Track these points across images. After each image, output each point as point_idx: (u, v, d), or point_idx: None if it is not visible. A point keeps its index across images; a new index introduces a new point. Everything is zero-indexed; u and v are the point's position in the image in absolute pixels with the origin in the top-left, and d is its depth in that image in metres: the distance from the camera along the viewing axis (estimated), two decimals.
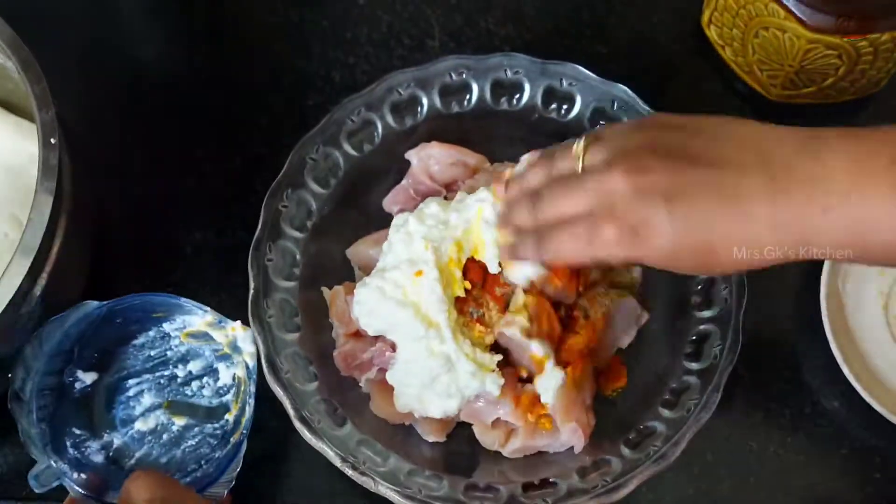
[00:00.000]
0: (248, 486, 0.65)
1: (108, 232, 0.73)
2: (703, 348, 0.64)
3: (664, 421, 0.62)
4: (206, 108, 0.80)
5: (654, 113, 0.67)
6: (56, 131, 0.59)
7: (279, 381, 0.62)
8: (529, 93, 0.71)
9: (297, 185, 0.69)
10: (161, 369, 0.67)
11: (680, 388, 0.63)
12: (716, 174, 0.48)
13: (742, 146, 0.49)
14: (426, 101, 0.72)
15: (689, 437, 0.60)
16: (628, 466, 0.60)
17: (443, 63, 0.71)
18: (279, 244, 0.67)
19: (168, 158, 0.78)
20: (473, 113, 0.72)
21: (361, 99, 0.70)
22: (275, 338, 0.64)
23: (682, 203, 0.48)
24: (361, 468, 0.60)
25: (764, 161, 0.48)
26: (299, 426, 0.61)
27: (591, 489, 0.59)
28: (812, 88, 0.75)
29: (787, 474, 0.68)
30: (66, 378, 0.65)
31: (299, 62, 0.81)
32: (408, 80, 0.71)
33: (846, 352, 0.67)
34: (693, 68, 0.81)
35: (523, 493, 0.61)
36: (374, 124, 0.71)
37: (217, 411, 0.66)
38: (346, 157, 0.70)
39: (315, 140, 0.69)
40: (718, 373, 0.62)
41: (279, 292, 0.66)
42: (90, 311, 0.63)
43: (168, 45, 0.86)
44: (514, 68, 0.71)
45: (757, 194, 0.47)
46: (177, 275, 0.71)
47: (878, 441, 0.68)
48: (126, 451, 0.65)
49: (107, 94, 0.80)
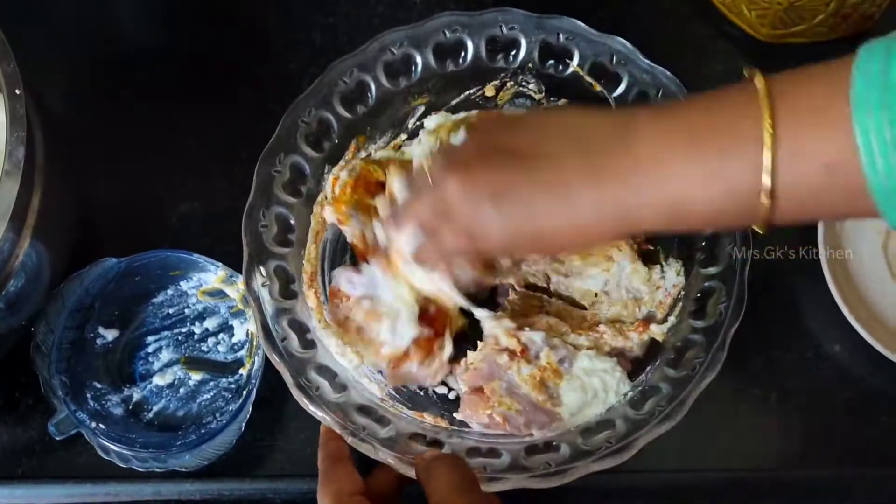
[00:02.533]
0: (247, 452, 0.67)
1: (93, 205, 0.74)
2: (708, 306, 0.62)
3: (668, 380, 0.61)
4: (188, 78, 0.79)
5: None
6: (20, 83, 0.59)
7: (275, 349, 0.61)
8: (526, 49, 0.70)
9: (290, 150, 0.67)
10: (179, 326, 0.69)
11: (684, 346, 0.62)
12: (538, 166, 0.50)
13: (563, 137, 0.51)
14: (420, 59, 0.70)
15: (694, 397, 0.58)
16: (633, 427, 0.59)
17: (436, 20, 0.70)
18: (273, 210, 0.66)
19: (152, 131, 0.77)
20: (469, 71, 0.71)
21: (354, 59, 0.69)
22: (271, 305, 0.63)
23: (507, 198, 0.51)
24: (361, 435, 0.59)
25: (582, 149, 0.50)
26: (297, 394, 0.60)
27: (596, 451, 0.58)
28: (802, 26, 0.73)
29: (791, 420, 0.67)
30: (87, 334, 0.67)
31: (280, 26, 0.80)
32: (401, 39, 0.69)
33: (846, 293, 0.66)
34: (681, 12, 0.80)
35: (526, 457, 0.59)
36: (367, 85, 0.70)
37: (231, 366, 0.68)
38: (339, 119, 0.69)
39: (307, 103, 0.68)
40: (724, 330, 0.60)
41: (274, 259, 0.65)
42: (109, 268, 0.66)
43: (148, 17, 0.85)
44: (509, 24, 0.70)
45: (576, 180, 0.49)
46: (164, 247, 0.68)
47: (883, 383, 0.67)
48: (144, 405, 0.68)
49: (87, 69, 0.80)
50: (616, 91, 0.69)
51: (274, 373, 0.64)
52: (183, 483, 0.65)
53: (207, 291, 0.69)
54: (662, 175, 0.48)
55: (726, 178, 0.46)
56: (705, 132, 0.47)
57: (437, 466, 0.52)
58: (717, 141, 0.46)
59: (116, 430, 0.64)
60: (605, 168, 0.49)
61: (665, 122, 0.49)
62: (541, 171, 0.50)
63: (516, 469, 0.58)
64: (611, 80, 0.69)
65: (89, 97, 0.78)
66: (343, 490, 0.54)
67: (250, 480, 0.66)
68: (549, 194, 0.50)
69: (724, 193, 0.46)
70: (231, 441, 0.64)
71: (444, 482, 0.51)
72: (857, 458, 0.66)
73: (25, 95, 0.59)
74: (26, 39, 0.62)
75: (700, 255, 0.65)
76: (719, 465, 0.66)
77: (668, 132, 0.48)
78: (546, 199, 0.50)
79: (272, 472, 0.66)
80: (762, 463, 0.66)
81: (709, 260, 0.64)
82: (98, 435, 0.63)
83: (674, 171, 0.47)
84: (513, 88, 0.71)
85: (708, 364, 0.59)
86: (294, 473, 0.66)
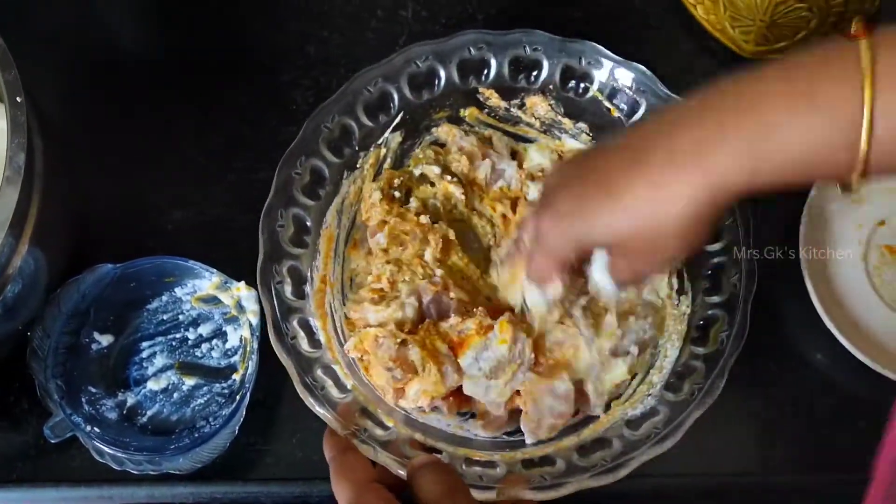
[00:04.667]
0: (240, 456, 0.67)
1: (90, 212, 0.74)
2: (710, 333, 0.64)
3: (667, 404, 0.62)
4: (182, 88, 0.79)
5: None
6: (20, 90, 0.59)
7: (284, 347, 0.62)
8: (547, 70, 0.71)
9: (311, 153, 0.68)
10: (173, 332, 0.70)
11: (685, 371, 0.63)
12: (614, 150, 0.53)
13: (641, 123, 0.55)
14: (444, 74, 0.71)
15: (690, 423, 0.59)
16: (628, 447, 0.60)
17: (462, 37, 0.71)
18: (290, 211, 0.67)
19: (146, 139, 0.77)
20: (491, 88, 0.72)
21: (379, 69, 0.70)
22: (283, 303, 0.64)
23: (582, 179, 0.54)
24: (362, 436, 0.59)
25: (661, 115, 0.53)
26: (302, 392, 0.60)
27: (591, 468, 0.59)
28: (785, 43, 0.74)
29: (774, 427, 0.68)
30: (83, 339, 0.68)
31: (274, 38, 0.81)
32: (426, 53, 0.70)
33: (827, 304, 0.67)
34: (667, 29, 0.81)
35: (522, 469, 0.60)
36: (390, 95, 0.71)
37: (225, 371, 0.69)
38: (361, 126, 0.70)
39: (331, 109, 0.69)
40: (724, 359, 0.61)
41: (289, 259, 0.65)
42: (105, 273, 0.66)
43: (143, 26, 0.85)
44: (532, 45, 0.71)
45: (652, 139, 0.51)
46: (159, 253, 0.68)
47: (863, 390, 0.68)
48: (139, 409, 0.68)
49: (83, 77, 0.80)
50: (634, 117, 0.70)
51: (267, 377, 0.65)
52: (177, 486, 0.66)
53: (202, 298, 0.70)
54: (746, 117, 0.47)
55: (821, 118, 0.46)
56: (800, 71, 0.47)
57: (425, 472, 0.53)
58: (810, 81, 0.46)
59: (111, 433, 0.65)
60: (683, 122, 0.50)
61: (755, 73, 0.49)
62: (618, 150, 0.53)
63: None
64: (629, 106, 0.71)
65: (86, 104, 0.79)
66: (360, 479, 0.54)
67: (243, 483, 0.66)
68: (624, 161, 0.52)
69: (817, 136, 0.46)
70: (224, 444, 0.65)
71: (431, 486, 0.52)
72: (838, 463, 0.67)
73: (26, 103, 0.59)
74: (24, 46, 0.62)
75: (705, 284, 0.66)
76: (703, 470, 0.67)
77: (758, 80, 0.48)
78: (620, 166, 0.52)
79: (265, 475, 0.67)
80: (745, 468, 0.68)
81: (713, 288, 0.65)
82: (93, 438, 0.64)
83: (760, 114, 0.47)
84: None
85: (706, 391, 0.60)
86: (286, 477, 0.66)
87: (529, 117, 0.73)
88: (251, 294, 0.66)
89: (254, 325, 0.65)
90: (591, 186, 0.53)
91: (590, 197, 0.53)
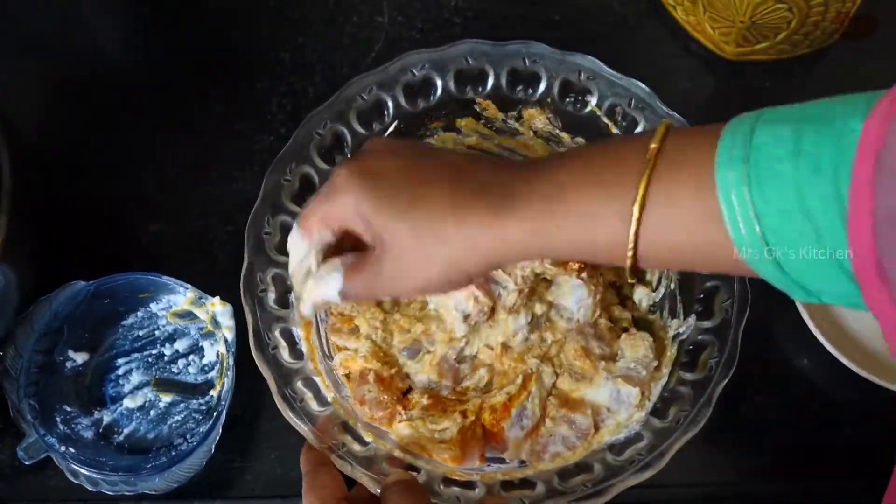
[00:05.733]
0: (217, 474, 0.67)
1: (61, 227, 0.72)
2: (699, 359, 0.62)
3: (651, 430, 0.60)
4: (156, 98, 0.78)
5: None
6: None
7: (265, 357, 0.60)
8: (545, 83, 0.69)
9: (302, 160, 0.66)
10: (149, 348, 0.69)
11: (671, 396, 0.62)
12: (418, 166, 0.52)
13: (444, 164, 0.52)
14: (440, 83, 0.69)
15: (674, 451, 0.58)
16: (610, 473, 0.58)
17: (460, 46, 0.69)
18: (278, 218, 0.65)
19: (120, 149, 0.76)
20: (488, 99, 0.70)
21: (374, 77, 0.68)
22: (266, 312, 0.62)
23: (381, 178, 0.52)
24: (340, 451, 0.58)
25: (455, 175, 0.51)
26: (281, 404, 0.59)
27: (571, 492, 0.58)
28: (766, 44, 0.74)
29: (759, 433, 0.68)
30: (57, 357, 0.66)
31: (249, 45, 0.80)
32: (423, 62, 0.69)
33: (813, 309, 0.66)
34: (648, 32, 0.80)
35: (501, 491, 0.59)
36: (385, 103, 0.69)
37: (202, 387, 0.68)
38: (354, 134, 0.68)
39: (323, 115, 0.67)
40: (712, 386, 0.60)
41: (274, 267, 0.64)
42: (78, 291, 0.65)
43: (116, 34, 0.84)
44: (531, 57, 0.69)
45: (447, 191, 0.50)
46: (134, 268, 0.67)
47: (848, 395, 0.68)
48: (115, 427, 0.67)
49: (55, 88, 0.79)
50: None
51: (246, 393, 0.64)
52: None
53: (177, 313, 0.69)
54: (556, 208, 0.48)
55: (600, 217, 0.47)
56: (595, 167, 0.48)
57: (394, 490, 0.53)
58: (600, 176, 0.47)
59: (86, 453, 0.64)
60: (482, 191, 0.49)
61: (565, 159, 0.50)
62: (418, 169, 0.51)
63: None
64: (628, 123, 0.69)
65: (57, 117, 0.77)
66: (327, 495, 0.54)
67: (221, 502, 0.66)
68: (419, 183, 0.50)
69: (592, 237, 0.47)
70: (201, 463, 0.64)
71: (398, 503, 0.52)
72: (824, 469, 0.67)
73: None
74: None
75: (697, 307, 0.64)
76: (687, 479, 0.66)
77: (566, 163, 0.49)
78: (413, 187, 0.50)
79: (242, 493, 0.66)
80: (731, 477, 0.68)
81: (705, 313, 0.63)
82: (67, 459, 0.63)
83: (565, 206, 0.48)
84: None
85: (692, 419, 0.59)
86: (264, 495, 0.66)
87: (527, 130, 0.71)
88: (226, 309, 0.65)
89: (229, 341, 0.64)
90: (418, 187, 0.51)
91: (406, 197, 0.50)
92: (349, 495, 0.55)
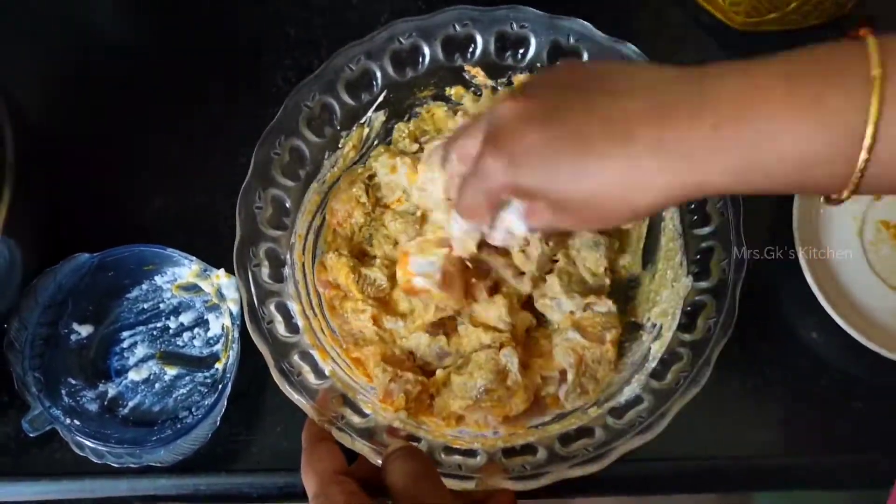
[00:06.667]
0: (223, 447, 0.66)
1: (66, 201, 0.72)
2: (697, 320, 0.61)
3: (651, 392, 0.60)
4: (161, 72, 0.78)
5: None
6: None
7: (260, 331, 0.60)
8: (535, 48, 0.69)
9: (291, 133, 0.66)
10: (154, 321, 0.69)
11: (670, 359, 0.61)
12: (600, 99, 0.48)
13: (633, 78, 0.48)
14: (428, 51, 0.69)
15: (675, 411, 0.58)
16: (611, 436, 0.58)
17: (447, 13, 0.68)
18: (269, 192, 0.65)
19: (124, 127, 0.76)
20: (477, 66, 0.70)
21: (361, 46, 0.68)
22: (259, 287, 0.62)
23: (557, 120, 0.48)
24: (339, 424, 0.58)
25: (652, 88, 0.47)
26: (278, 377, 0.59)
27: (572, 457, 0.58)
28: (776, 14, 0.73)
29: (767, 408, 0.67)
30: (61, 330, 0.66)
31: (253, 19, 0.80)
32: (410, 30, 0.68)
33: (822, 282, 0.66)
34: (655, 2, 0.79)
35: (503, 458, 0.59)
36: (373, 73, 0.68)
37: (207, 360, 0.68)
38: (342, 105, 0.68)
39: (311, 87, 0.67)
40: (710, 346, 0.59)
41: (267, 241, 0.64)
42: (82, 263, 0.65)
43: (120, 12, 0.84)
44: (520, 21, 0.68)
45: (639, 116, 0.46)
46: (138, 242, 0.66)
47: (858, 371, 0.68)
48: (120, 400, 0.67)
49: (58, 64, 0.79)
50: None
51: (250, 366, 0.63)
52: (158, 478, 0.65)
53: (182, 286, 0.68)
54: (749, 112, 0.44)
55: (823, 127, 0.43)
56: (805, 77, 0.44)
57: (396, 457, 0.53)
58: (815, 88, 0.44)
59: (91, 426, 0.64)
60: (676, 112, 0.46)
61: (756, 71, 0.45)
62: (602, 103, 0.47)
63: None
64: None
65: (60, 92, 0.77)
66: (327, 469, 0.54)
67: (226, 475, 0.66)
68: (606, 126, 0.47)
69: (817, 146, 0.44)
70: (206, 435, 0.64)
71: (400, 473, 0.51)
72: (834, 444, 0.67)
73: None
74: None
75: (694, 268, 0.63)
76: (697, 454, 0.66)
77: (760, 79, 0.45)
78: (601, 130, 0.47)
79: (248, 466, 0.66)
80: (740, 451, 0.67)
81: (702, 273, 0.63)
82: (72, 431, 0.63)
83: (763, 110, 0.44)
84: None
85: (692, 379, 0.59)
86: (270, 468, 0.66)
87: None
88: (231, 282, 0.64)
89: (234, 314, 0.64)
90: (565, 140, 0.48)
91: (557, 153, 0.48)
92: (347, 469, 0.55)
